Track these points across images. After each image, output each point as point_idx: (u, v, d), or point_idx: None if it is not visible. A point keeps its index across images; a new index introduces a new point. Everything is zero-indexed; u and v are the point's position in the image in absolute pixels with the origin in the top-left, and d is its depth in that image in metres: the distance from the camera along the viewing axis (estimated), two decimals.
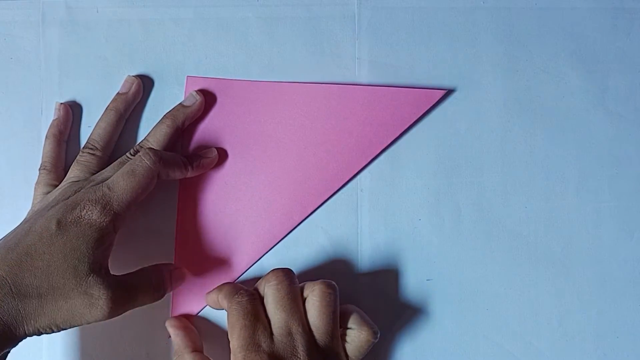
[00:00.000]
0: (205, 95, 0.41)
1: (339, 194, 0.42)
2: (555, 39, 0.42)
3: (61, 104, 0.42)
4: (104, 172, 0.38)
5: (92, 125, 0.41)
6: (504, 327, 0.42)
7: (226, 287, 0.38)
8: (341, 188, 0.42)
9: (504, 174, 0.42)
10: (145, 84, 0.42)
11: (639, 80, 0.42)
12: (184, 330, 0.40)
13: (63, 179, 0.40)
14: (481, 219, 0.42)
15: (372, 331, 0.37)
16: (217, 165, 0.42)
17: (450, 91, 0.42)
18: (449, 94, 0.42)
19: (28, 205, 0.40)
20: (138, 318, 0.42)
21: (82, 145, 0.41)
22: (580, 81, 0.42)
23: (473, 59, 0.42)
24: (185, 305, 0.42)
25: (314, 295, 0.36)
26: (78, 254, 0.34)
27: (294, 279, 0.37)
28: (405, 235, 0.42)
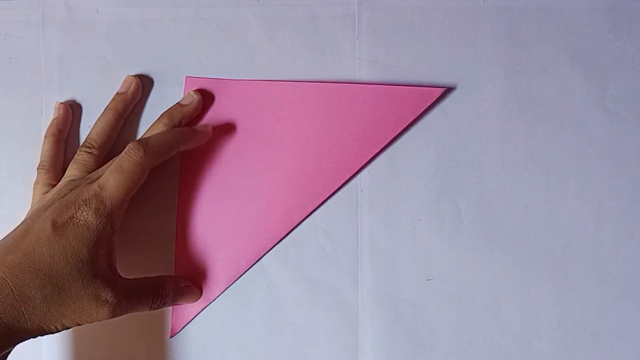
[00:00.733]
0: (204, 96, 0.41)
1: (339, 194, 0.42)
2: (555, 39, 0.42)
3: (61, 103, 0.42)
4: (99, 171, 0.39)
5: (92, 125, 0.41)
6: (504, 327, 0.42)
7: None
8: (341, 187, 0.42)
9: (504, 174, 0.42)
10: (144, 83, 0.42)
11: (639, 80, 0.42)
12: None
13: (62, 178, 0.40)
14: (481, 219, 0.42)
15: None
16: (217, 165, 0.42)
17: (450, 89, 0.42)
18: (448, 92, 0.42)
19: (27, 205, 0.40)
20: (138, 318, 0.42)
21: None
22: (580, 81, 0.42)
23: (473, 59, 0.42)
24: (185, 306, 0.42)
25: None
26: (81, 257, 0.34)
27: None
28: (405, 235, 0.42)
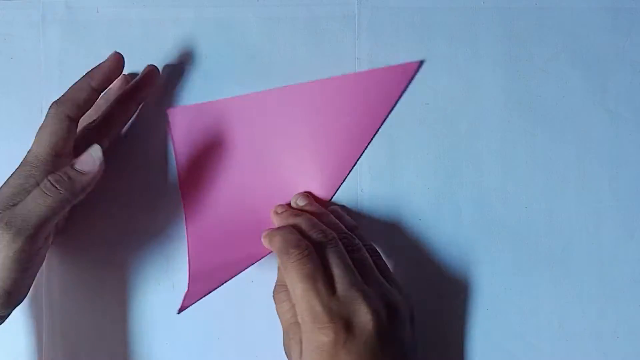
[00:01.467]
0: (192, 123, 0.41)
1: (338, 194, 0.42)
2: (555, 39, 0.42)
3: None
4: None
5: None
6: (504, 327, 0.42)
7: (278, 240, 0.36)
8: (342, 183, 0.42)
9: (504, 174, 0.42)
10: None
11: (639, 80, 0.42)
12: None
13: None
14: (481, 219, 0.42)
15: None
16: (217, 183, 0.41)
17: (422, 62, 0.42)
18: (421, 65, 0.42)
19: None
20: (138, 318, 0.42)
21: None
22: (580, 81, 0.42)
23: (473, 59, 0.42)
24: (197, 284, 0.41)
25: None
26: None
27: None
28: (405, 235, 0.42)
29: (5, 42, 0.43)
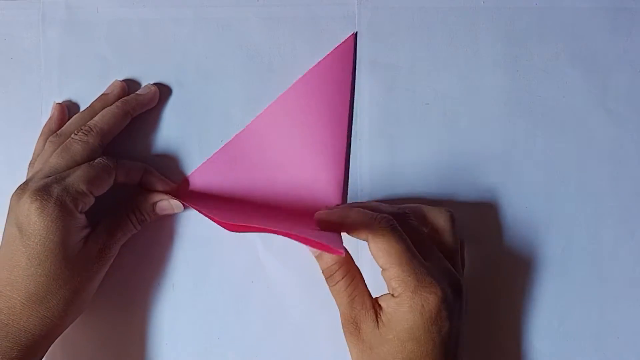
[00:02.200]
0: (205, 183, 0.42)
1: None
2: (555, 39, 0.42)
3: (58, 103, 0.42)
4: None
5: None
6: (504, 327, 0.42)
7: (356, 212, 0.36)
8: (347, 178, 0.42)
9: (504, 174, 0.42)
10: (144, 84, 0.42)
11: (639, 80, 0.42)
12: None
13: None
14: (481, 219, 0.42)
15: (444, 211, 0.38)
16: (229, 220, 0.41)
17: (356, 33, 0.42)
18: (356, 37, 0.42)
19: None
20: (138, 318, 0.42)
21: None
22: (580, 81, 0.42)
23: (473, 59, 0.42)
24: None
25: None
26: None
27: None
28: None
29: (5, 42, 0.43)
